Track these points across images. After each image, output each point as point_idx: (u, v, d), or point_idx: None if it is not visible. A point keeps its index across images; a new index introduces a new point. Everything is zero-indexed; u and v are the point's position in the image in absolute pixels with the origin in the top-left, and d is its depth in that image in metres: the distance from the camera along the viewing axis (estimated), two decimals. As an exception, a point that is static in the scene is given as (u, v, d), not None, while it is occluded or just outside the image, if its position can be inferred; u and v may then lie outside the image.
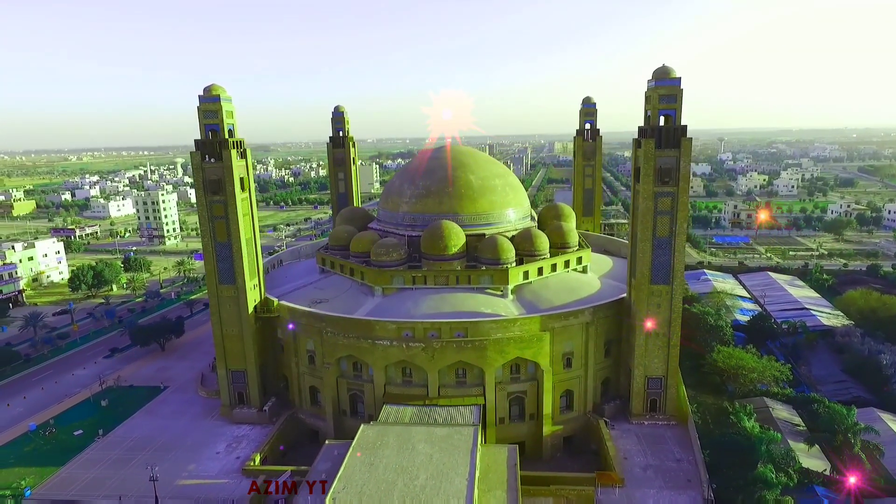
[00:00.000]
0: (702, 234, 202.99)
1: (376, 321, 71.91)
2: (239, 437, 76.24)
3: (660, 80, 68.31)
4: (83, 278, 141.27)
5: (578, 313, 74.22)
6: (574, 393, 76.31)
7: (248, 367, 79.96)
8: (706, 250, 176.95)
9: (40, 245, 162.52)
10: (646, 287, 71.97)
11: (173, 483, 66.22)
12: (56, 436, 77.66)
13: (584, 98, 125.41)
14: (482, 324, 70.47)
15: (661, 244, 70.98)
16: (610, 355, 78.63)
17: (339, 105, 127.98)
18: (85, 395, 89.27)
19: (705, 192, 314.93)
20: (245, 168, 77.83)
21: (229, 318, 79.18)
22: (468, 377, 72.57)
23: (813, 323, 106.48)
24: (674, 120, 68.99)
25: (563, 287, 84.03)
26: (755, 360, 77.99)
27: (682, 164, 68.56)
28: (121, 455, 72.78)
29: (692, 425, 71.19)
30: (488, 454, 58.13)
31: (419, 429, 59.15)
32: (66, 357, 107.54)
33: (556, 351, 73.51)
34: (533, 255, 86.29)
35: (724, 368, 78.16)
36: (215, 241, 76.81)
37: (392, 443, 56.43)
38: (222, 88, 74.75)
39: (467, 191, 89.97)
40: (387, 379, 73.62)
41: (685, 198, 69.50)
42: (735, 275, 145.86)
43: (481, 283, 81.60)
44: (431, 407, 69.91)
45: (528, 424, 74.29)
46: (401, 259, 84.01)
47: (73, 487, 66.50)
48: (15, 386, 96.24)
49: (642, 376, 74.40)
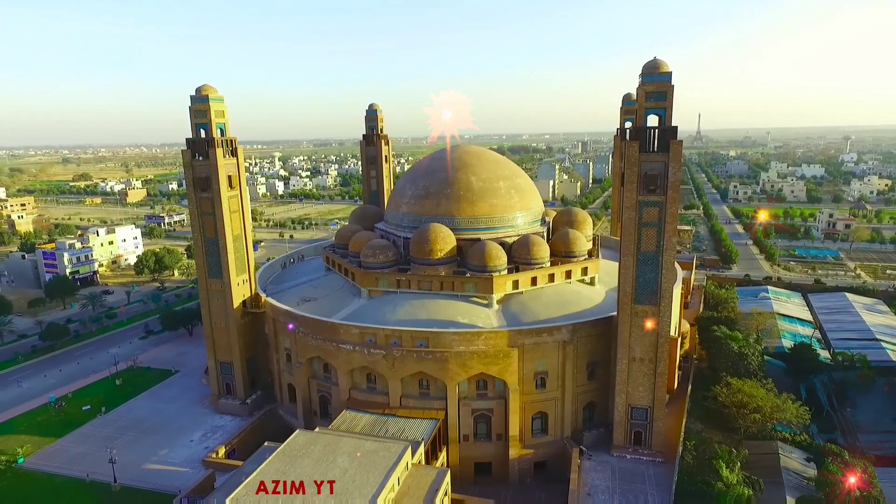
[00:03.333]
0: (785, 246, 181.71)
1: (340, 324, 70.75)
2: (217, 427, 78.61)
3: (648, 75, 60.55)
4: (146, 263, 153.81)
5: (554, 330, 68.32)
6: (549, 416, 70.50)
7: (234, 360, 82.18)
8: (780, 264, 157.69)
9: (120, 231, 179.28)
10: (629, 307, 64.60)
11: (140, 466, 69.54)
12: (65, 409, 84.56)
13: (625, 95, 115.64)
14: (444, 335, 66.91)
15: (646, 259, 63.26)
16: (595, 378, 71.71)
17: (373, 103, 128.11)
18: (105, 373, 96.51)
19: (807, 198, 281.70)
20: (235, 166, 79.67)
21: (218, 311, 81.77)
22: (431, 389, 69.39)
23: (878, 357, 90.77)
24: (663, 120, 61.00)
25: (557, 300, 77.99)
26: (769, 397, 67.40)
27: (670, 170, 60.48)
28: (111, 433, 77.70)
29: (678, 465, 63.05)
30: (414, 475, 54.79)
31: (349, 440, 57.08)
32: (109, 336, 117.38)
33: (527, 369, 68.20)
34: (529, 263, 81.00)
35: (727, 403, 68.32)
36: (204, 237, 79.45)
37: (316, 452, 54.88)
38: (213, 89, 76.87)
39: (466, 193, 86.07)
40: (352, 383, 72.37)
41: (674, 208, 61.28)
42: (805, 294, 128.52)
43: (466, 291, 77.82)
44: (390, 417, 67.71)
45: (494, 445, 69.73)
46: (389, 261, 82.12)
47: (58, 459, 71.96)
48: (58, 359, 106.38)
49: (624, 405, 67.04)
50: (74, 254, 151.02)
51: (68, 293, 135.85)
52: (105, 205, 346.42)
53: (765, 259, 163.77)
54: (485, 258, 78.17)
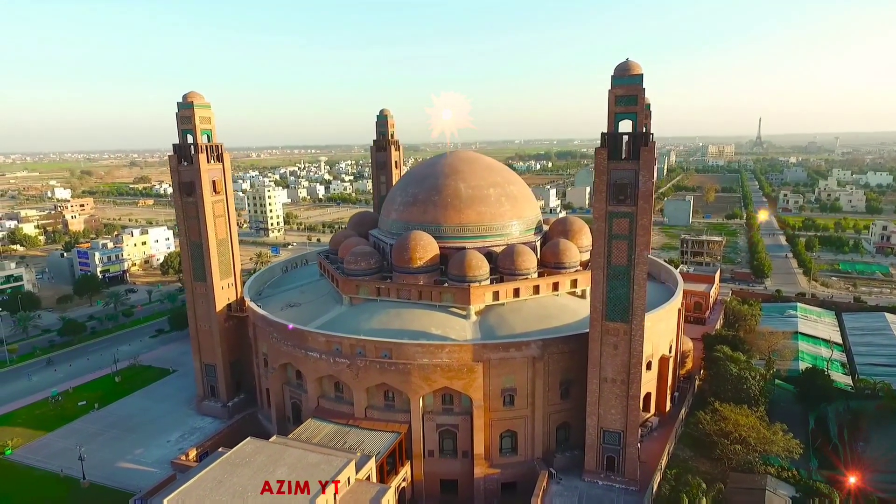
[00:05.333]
0: (830, 260, 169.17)
1: (309, 332, 70.06)
2: (195, 428, 79.53)
3: (618, 77, 56.80)
4: (171, 263, 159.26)
5: (522, 345, 65.18)
6: (518, 435, 67.27)
7: (218, 363, 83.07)
8: (818, 279, 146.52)
9: (153, 231, 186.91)
10: (599, 324, 60.77)
11: (114, 464, 71.03)
12: (62, 404, 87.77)
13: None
14: (407, 346, 64.99)
15: (617, 274, 59.32)
16: (569, 398, 67.88)
17: (384, 109, 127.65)
18: (107, 370, 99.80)
19: (866, 209, 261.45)
20: (221, 171, 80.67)
21: (203, 313, 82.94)
22: (396, 402, 67.60)
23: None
24: (635, 125, 57.09)
25: (539, 313, 74.69)
26: (757, 426, 61.75)
27: (641, 178, 56.49)
28: (97, 430, 79.96)
29: (650, 496, 58.73)
30: (355, 491, 53.08)
31: (295, 451, 56.05)
32: (123, 334, 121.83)
33: (494, 385, 65.34)
34: (514, 274, 78.14)
35: (708, 431, 63.03)
36: (190, 240, 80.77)
37: (258, 462, 54.19)
38: (199, 96, 78.15)
39: (454, 200, 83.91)
40: (321, 392, 71.59)
41: (646, 220, 57.16)
42: (839, 313, 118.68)
43: (444, 301, 75.73)
44: (352, 428, 66.48)
45: (461, 462, 67.11)
46: (371, 269, 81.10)
47: (42, 453, 74.52)
48: (72, 354, 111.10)
49: (596, 427, 63.06)
50: (105, 253, 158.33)
51: (95, 291, 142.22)
52: (157, 206, 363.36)
53: (804, 273, 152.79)
54: (464, 268, 75.86)
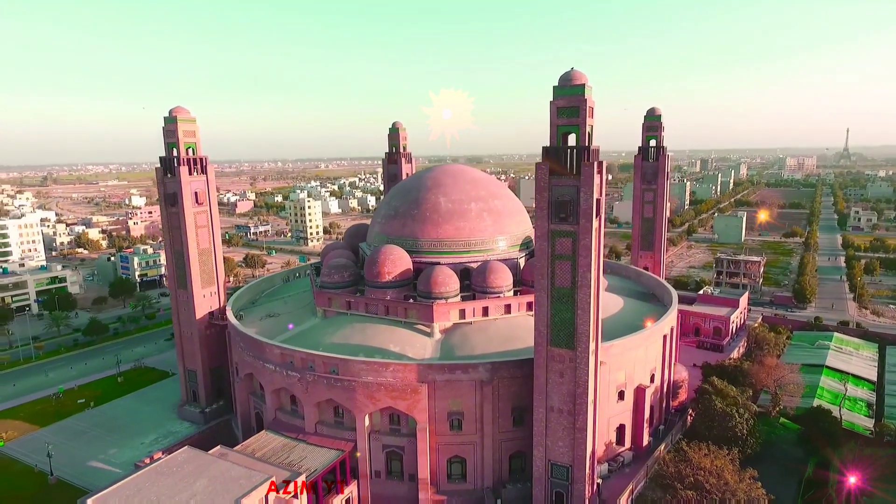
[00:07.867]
0: (893, 286, 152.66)
1: (266, 344, 70.33)
2: (171, 432, 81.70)
3: (560, 87, 53.43)
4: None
5: (469, 367, 62.37)
6: (467, 461, 64.23)
7: (198, 369, 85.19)
8: (868, 306, 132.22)
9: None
10: (544, 349, 57.03)
11: (85, 463, 74.00)
12: (63, 401, 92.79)
13: (648, 110, 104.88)
14: (352, 363, 63.74)
15: (561, 296, 55.50)
16: (523, 425, 64.11)
17: (396, 122, 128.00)
18: (114, 370, 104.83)
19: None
20: (204, 183, 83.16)
21: (186, 320, 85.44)
22: (345, 419, 66.46)
23: (935, 435, 71.92)
24: (578, 138, 53.43)
25: (507, 334, 71.51)
26: (717, 471, 55.57)
27: (582, 195, 52.69)
28: (84, 428, 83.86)
29: (594, 539, 54.25)
30: (269, 509, 52.26)
31: (222, 464, 55.94)
32: (142, 335, 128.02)
33: (440, 408, 62.86)
34: (485, 291, 75.56)
35: (663, 473, 57.33)
36: (174, 249, 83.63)
37: (184, 472, 54.51)
38: (184, 110, 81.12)
39: (432, 214, 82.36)
40: (279, 404, 71.62)
41: (588, 240, 53.14)
42: (884, 346, 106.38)
43: (409, 318, 74.17)
44: (300, 443, 65.85)
45: (407, 486, 64.83)
46: (344, 282, 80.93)
47: (29, 447, 78.81)
48: (92, 353, 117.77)
49: (543, 459, 59.04)
50: (144, 258, 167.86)
51: (128, 294, 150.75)
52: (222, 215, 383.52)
53: (853, 299, 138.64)
54: (430, 284, 74.17)
